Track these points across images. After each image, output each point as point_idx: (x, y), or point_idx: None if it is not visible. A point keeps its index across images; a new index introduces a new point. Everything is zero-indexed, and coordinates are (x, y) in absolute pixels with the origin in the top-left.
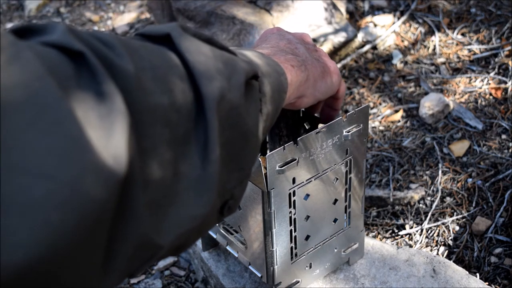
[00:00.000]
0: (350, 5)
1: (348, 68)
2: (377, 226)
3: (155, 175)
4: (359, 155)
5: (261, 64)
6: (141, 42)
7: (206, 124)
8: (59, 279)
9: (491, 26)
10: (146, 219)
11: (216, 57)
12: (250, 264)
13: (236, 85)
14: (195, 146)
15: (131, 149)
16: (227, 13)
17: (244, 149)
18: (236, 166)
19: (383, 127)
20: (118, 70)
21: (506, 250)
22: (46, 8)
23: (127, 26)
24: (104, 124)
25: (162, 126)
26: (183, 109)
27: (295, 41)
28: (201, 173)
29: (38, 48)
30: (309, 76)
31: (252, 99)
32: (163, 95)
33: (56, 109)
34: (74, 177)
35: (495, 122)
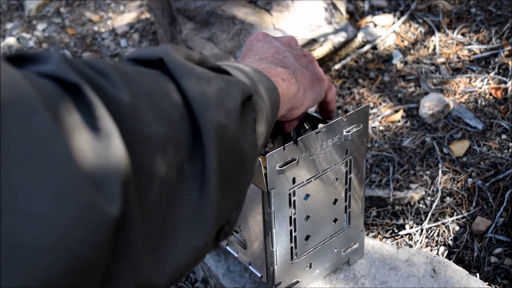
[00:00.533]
0: (350, 5)
1: (348, 68)
2: (377, 226)
3: (152, 209)
4: (359, 155)
5: (254, 82)
6: (135, 68)
7: (204, 152)
8: None
9: (491, 26)
10: (143, 258)
11: (210, 81)
12: (250, 264)
13: (233, 109)
14: (192, 175)
15: (127, 186)
16: (227, 13)
17: (241, 173)
18: (233, 190)
19: (383, 127)
20: (114, 101)
21: (506, 250)
22: (46, 8)
23: (127, 26)
24: (99, 162)
25: (159, 156)
26: (180, 137)
27: (283, 48)
28: (199, 204)
29: (34, 79)
30: (299, 88)
31: (247, 121)
32: (159, 124)
33: (51, 144)
34: (67, 219)
35: (495, 122)
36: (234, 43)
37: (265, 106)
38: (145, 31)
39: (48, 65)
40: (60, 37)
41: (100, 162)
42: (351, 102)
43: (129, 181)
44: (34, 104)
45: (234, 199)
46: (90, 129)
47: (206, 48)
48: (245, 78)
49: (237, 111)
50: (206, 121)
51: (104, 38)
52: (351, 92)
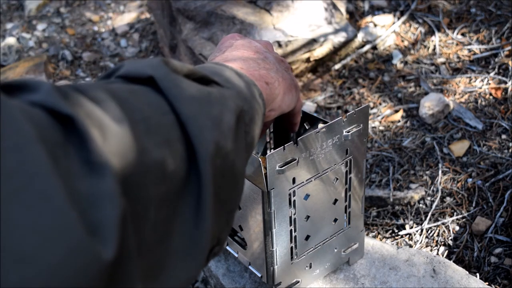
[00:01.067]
0: (350, 5)
1: (348, 68)
2: (377, 226)
3: (147, 243)
4: (359, 155)
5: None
6: (128, 87)
7: (200, 177)
8: None
9: (491, 26)
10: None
11: (203, 99)
12: (250, 264)
13: (228, 129)
14: (188, 199)
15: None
16: (227, 13)
17: (233, 192)
18: (225, 210)
19: (383, 127)
20: (110, 131)
21: (506, 250)
22: (46, 8)
23: (127, 26)
24: (93, 200)
25: (156, 184)
26: (177, 162)
27: (263, 49)
28: (194, 232)
29: (28, 109)
30: (280, 91)
31: (240, 136)
32: (157, 150)
33: (43, 181)
34: (57, 261)
35: (495, 122)
36: None
37: (254, 115)
38: (145, 31)
39: (39, 94)
40: (60, 37)
41: (94, 201)
42: (351, 102)
43: (125, 219)
44: (29, 136)
45: (225, 219)
46: (83, 164)
47: (206, 48)
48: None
49: (232, 129)
50: (202, 146)
51: (104, 38)
52: (351, 92)
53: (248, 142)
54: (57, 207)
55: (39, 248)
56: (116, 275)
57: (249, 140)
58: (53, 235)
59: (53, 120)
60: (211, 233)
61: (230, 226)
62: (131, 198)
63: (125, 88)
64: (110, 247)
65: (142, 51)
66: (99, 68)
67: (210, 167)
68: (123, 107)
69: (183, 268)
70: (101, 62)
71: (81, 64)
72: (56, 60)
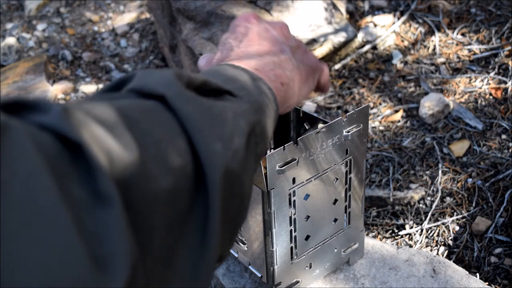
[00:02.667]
0: (350, 5)
1: (348, 68)
2: (377, 226)
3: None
4: (359, 155)
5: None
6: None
7: (208, 202)
8: None
9: (491, 26)
10: None
11: (215, 119)
12: (250, 264)
13: (239, 148)
14: (194, 226)
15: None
16: (227, 13)
17: (240, 211)
18: (231, 230)
19: (383, 127)
20: (119, 160)
21: (506, 250)
22: (46, 8)
23: (127, 26)
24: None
25: (162, 212)
26: (185, 187)
27: (280, 40)
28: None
29: (35, 133)
30: (295, 90)
31: (251, 152)
32: (165, 177)
33: (51, 215)
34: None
35: (495, 122)
36: None
37: (266, 123)
38: (145, 31)
39: (47, 117)
40: (60, 37)
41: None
42: (351, 102)
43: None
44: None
45: (230, 235)
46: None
47: (206, 48)
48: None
49: (243, 148)
50: (212, 171)
51: (104, 38)
52: (351, 92)
53: (258, 152)
54: (66, 243)
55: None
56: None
57: (259, 151)
58: (61, 271)
59: (61, 146)
60: (216, 256)
61: (233, 243)
62: (137, 230)
63: (136, 106)
64: (119, 282)
65: (142, 51)
66: (99, 68)
67: (218, 193)
68: (133, 131)
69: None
70: (101, 62)
71: (81, 64)
72: (56, 60)
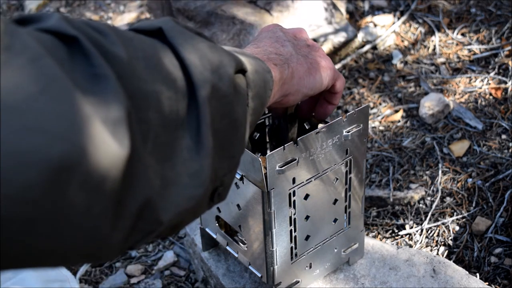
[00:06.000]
0: (350, 5)
1: (348, 68)
2: (377, 226)
3: (155, 154)
4: (359, 155)
5: (247, 61)
6: (134, 34)
7: (199, 111)
8: None
9: (491, 26)
10: (151, 188)
11: (206, 49)
12: (250, 264)
13: (226, 76)
14: (188, 132)
15: (132, 126)
16: (227, 13)
17: (234, 138)
18: (226, 154)
19: (383, 127)
20: (112, 56)
21: (506, 250)
22: (46, 8)
23: (127, 26)
24: (101, 102)
25: (155, 112)
26: (175, 97)
27: (284, 38)
28: (195, 157)
29: (34, 33)
30: (293, 74)
31: (240, 91)
32: (156, 83)
33: (62, 82)
34: (85, 145)
35: (495, 122)
36: (234, 43)
37: (258, 85)
38: None
39: (48, 22)
40: None
41: (102, 104)
42: (351, 102)
43: (132, 121)
44: (39, 52)
45: (228, 163)
46: (89, 77)
47: None
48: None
49: (231, 78)
50: (200, 82)
51: None
52: (351, 92)
53: (251, 106)
54: (78, 102)
55: (72, 131)
56: (131, 168)
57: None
58: (80, 122)
59: (58, 40)
60: (212, 164)
61: (233, 173)
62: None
63: (132, 33)
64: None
65: None
66: None
67: (208, 103)
68: (126, 44)
69: (187, 185)
70: None
71: None
72: None
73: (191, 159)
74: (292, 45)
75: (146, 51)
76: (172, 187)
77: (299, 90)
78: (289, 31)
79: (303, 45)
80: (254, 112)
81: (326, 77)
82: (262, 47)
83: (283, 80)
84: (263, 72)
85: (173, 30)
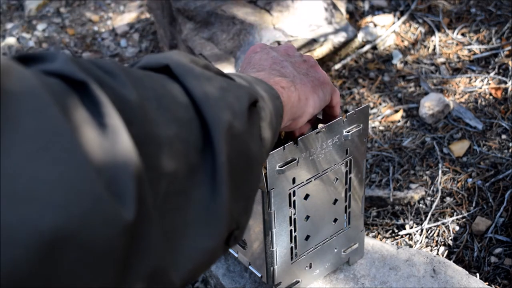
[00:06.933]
0: (350, 5)
1: (348, 68)
2: (377, 226)
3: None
4: (359, 155)
5: (257, 89)
6: (143, 72)
7: (214, 153)
8: None
9: (491, 26)
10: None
11: (217, 84)
12: (250, 264)
13: (240, 111)
14: (203, 176)
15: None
16: (227, 13)
17: (250, 177)
18: (242, 195)
19: (383, 127)
20: (122, 100)
21: (506, 250)
22: (46, 8)
23: (127, 26)
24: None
25: (169, 157)
26: (190, 139)
27: (280, 58)
28: (211, 204)
29: (42, 76)
30: (300, 96)
31: (254, 125)
32: (169, 126)
33: (66, 138)
34: (85, 212)
35: (495, 122)
36: (234, 43)
37: (270, 113)
38: (145, 31)
39: (54, 64)
40: (60, 37)
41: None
42: (351, 102)
43: (142, 179)
44: (46, 99)
45: (244, 204)
46: (97, 127)
47: (206, 48)
48: (249, 84)
49: (245, 114)
50: (215, 122)
51: (104, 38)
52: (351, 92)
53: (265, 137)
54: (81, 163)
55: (68, 198)
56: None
57: (266, 136)
58: (80, 187)
59: (66, 85)
60: (229, 210)
61: (248, 214)
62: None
63: (140, 71)
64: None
65: (142, 51)
66: None
67: (224, 141)
68: (136, 84)
69: (202, 237)
70: None
71: None
72: None
73: (207, 208)
74: (291, 65)
75: (157, 91)
76: (185, 242)
77: (306, 111)
78: (280, 49)
79: (300, 62)
80: (266, 143)
81: (327, 93)
82: (264, 70)
83: (291, 104)
84: (274, 98)
85: (181, 67)
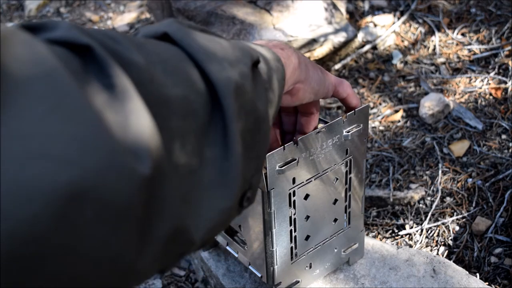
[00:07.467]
0: (350, 5)
1: (348, 68)
2: (377, 226)
3: (181, 168)
4: (359, 155)
5: (258, 51)
6: (144, 39)
7: (224, 113)
8: None
9: (491, 26)
10: (180, 212)
11: (217, 45)
12: (250, 264)
13: (244, 70)
14: (214, 136)
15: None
16: (227, 13)
17: (259, 136)
18: (253, 154)
19: (383, 127)
20: (129, 63)
21: (506, 250)
22: (46, 8)
23: (127, 26)
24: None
25: (179, 118)
26: (198, 99)
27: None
28: (225, 164)
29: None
30: (300, 60)
31: (259, 85)
32: (176, 87)
33: (75, 98)
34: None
35: (495, 122)
36: None
37: (272, 74)
38: None
39: (57, 32)
40: None
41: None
42: None
43: (154, 136)
44: (53, 63)
45: (254, 164)
46: (105, 87)
47: None
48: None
49: (249, 73)
50: (221, 81)
51: None
52: None
53: (270, 98)
54: (92, 120)
55: (81, 154)
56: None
57: (271, 97)
58: (93, 143)
59: (71, 52)
60: (241, 169)
61: (260, 173)
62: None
63: (142, 38)
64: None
65: None
66: None
67: (233, 102)
68: (140, 49)
69: (217, 199)
70: None
71: None
72: None
73: (220, 168)
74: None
75: (161, 55)
76: (203, 202)
77: (308, 79)
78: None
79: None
80: (272, 105)
81: (329, 79)
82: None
83: (292, 66)
84: (274, 60)
85: (179, 32)
